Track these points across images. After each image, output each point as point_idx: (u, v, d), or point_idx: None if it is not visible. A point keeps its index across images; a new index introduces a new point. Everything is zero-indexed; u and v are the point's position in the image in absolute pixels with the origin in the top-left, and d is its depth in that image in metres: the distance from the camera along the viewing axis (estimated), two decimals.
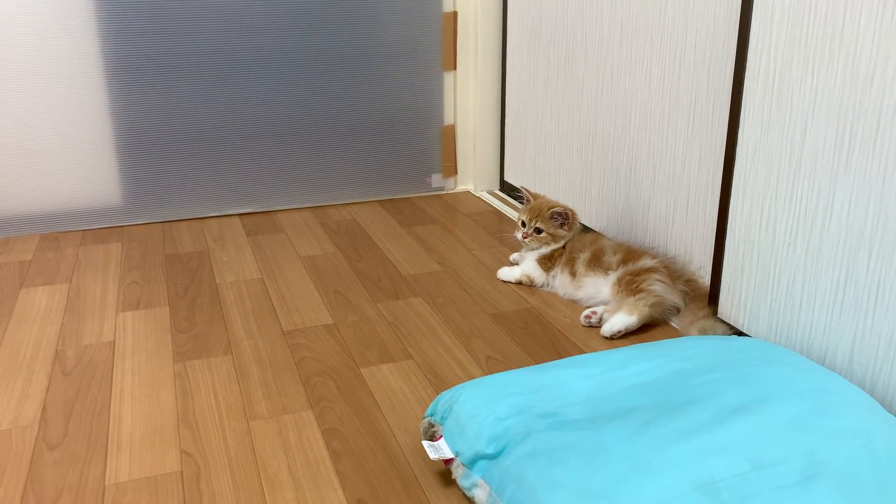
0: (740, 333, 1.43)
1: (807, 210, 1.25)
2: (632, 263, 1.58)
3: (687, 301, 1.55)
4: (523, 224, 1.75)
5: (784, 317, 1.33)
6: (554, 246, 1.72)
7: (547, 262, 1.73)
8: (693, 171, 1.58)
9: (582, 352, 1.46)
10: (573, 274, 1.67)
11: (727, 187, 1.41)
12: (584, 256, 1.66)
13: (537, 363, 1.37)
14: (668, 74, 1.60)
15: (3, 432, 1.21)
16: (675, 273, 1.58)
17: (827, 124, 1.19)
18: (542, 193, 1.85)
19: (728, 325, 1.46)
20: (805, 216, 1.25)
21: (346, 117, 2.33)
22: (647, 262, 1.57)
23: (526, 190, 1.79)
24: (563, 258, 1.71)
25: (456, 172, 2.51)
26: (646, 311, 1.51)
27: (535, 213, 1.72)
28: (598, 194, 1.93)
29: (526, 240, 1.74)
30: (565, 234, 1.72)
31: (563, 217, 1.70)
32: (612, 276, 1.59)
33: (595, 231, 1.85)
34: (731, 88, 1.38)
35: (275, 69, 2.22)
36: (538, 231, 1.72)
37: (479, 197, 2.47)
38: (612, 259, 1.61)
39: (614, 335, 1.50)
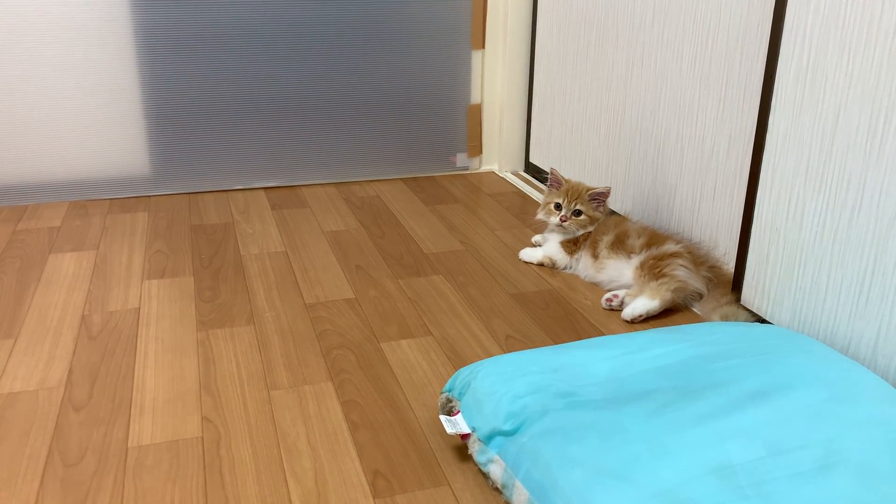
0: (763, 321, 1.42)
1: (836, 198, 1.23)
2: (655, 248, 1.57)
3: (710, 287, 1.54)
4: (557, 207, 1.70)
5: (808, 305, 1.31)
6: (588, 229, 1.70)
7: (571, 246, 1.72)
8: (721, 156, 1.56)
9: (602, 334, 1.46)
10: (595, 256, 1.66)
11: (755, 173, 1.39)
12: (607, 239, 1.65)
13: (557, 344, 1.37)
14: (700, 57, 1.58)
15: (31, 393, 1.24)
16: (698, 258, 1.57)
17: (861, 110, 1.17)
18: (567, 176, 1.84)
19: (751, 312, 1.45)
20: (834, 204, 1.23)
21: (372, 94, 2.33)
22: (670, 247, 1.56)
23: (556, 172, 1.74)
24: (587, 241, 1.70)
25: (481, 152, 2.51)
26: (668, 295, 1.50)
27: (575, 195, 1.68)
28: (624, 177, 1.91)
29: (564, 223, 1.69)
30: (600, 216, 1.70)
31: (604, 198, 1.68)
32: (635, 260, 1.58)
33: (620, 214, 1.83)
34: (764, 72, 1.36)
35: (304, 44, 2.22)
36: (577, 213, 1.69)
37: (503, 177, 2.46)
38: (636, 242, 1.60)
39: (635, 319, 1.49)
